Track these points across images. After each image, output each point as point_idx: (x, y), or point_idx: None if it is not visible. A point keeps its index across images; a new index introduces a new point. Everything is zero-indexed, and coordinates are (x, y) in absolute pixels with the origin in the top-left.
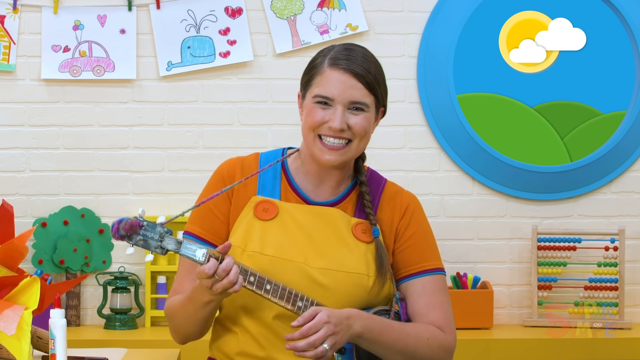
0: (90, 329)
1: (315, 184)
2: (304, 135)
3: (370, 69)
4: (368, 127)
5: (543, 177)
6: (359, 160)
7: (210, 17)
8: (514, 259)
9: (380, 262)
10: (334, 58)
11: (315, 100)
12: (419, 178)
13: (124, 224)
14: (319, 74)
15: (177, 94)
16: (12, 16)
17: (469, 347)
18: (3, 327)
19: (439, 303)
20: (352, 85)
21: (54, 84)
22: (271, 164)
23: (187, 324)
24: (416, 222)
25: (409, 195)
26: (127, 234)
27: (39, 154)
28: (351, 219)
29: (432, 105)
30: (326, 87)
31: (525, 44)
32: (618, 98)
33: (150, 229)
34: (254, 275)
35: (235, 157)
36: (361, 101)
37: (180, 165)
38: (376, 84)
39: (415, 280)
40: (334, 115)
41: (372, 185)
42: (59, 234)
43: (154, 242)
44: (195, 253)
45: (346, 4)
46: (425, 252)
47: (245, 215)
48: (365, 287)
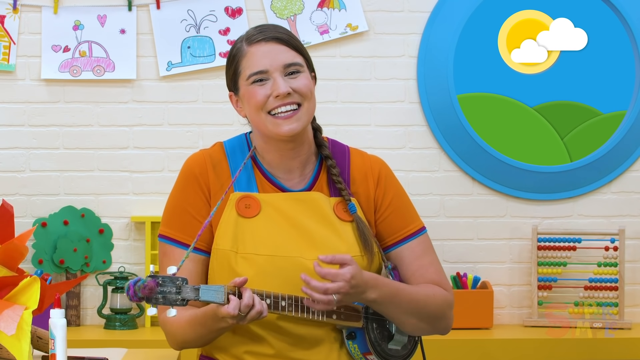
0: (90, 329)
1: (283, 170)
2: (253, 123)
3: (288, 33)
4: (311, 86)
5: (543, 177)
6: (317, 133)
7: (210, 17)
8: (514, 259)
9: (363, 238)
10: (249, 37)
11: (250, 82)
12: (419, 178)
13: (141, 287)
14: (242, 58)
15: (177, 94)
16: (12, 16)
17: (469, 347)
18: (3, 327)
19: (429, 263)
20: (279, 50)
21: (54, 84)
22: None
23: (195, 342)
24: (391, 188)
25: (376, 160)
26: (147, 297)
27: (39, 154)
28: (331, 200)
29: (432, 105)
30: (255, 63)
31: (526, 44)
32: (618, 98)
33: (167, 284)
34: (269, 297)
35: (199, 151)
36: (294, 62)
37: (180, 165)
38: (300, 45)
39: (403, 246)
40: (274, 84)
41: (337, 156)
42: (59, 234)
43: (172, 295)
44: (216, 296)
45: (346, 4)
46: (405, 215)
47: (228, 214)
48: (361, 267)
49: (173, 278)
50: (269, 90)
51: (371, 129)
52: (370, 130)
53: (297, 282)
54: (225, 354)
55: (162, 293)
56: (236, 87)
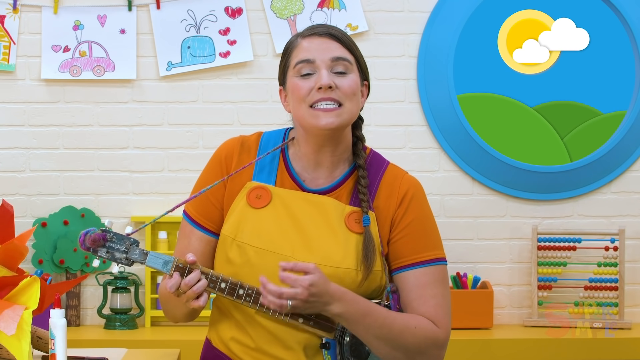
0: (90, 329)
1: (312, 167)
2: (295, 116)
3: (344, 34)
4: (356, 89)
5: (543, 177)
6: (358, 142)
7: (210, 17)
8: (514, 259)
9: (365, 253)
10: (306, 30)
11: (297, 71)
12: (419, 178)
13: (89, 237)
14: (294, 49)
15: (177, 94)
16: (12, 16)
17: (469, 347)
18: (3, 327)
19: (431, 296)
20: (331, 45)
21: (54, 84)
22: (269, 151)
23: (173, 312)
24: (414, 210)
25: (410, 180)
26: (92, 247)
27: (39, 154)
28: (345, 208)
29: (432, 105)
30: (305, 53)
31: (528, 43)
32: (618, 98)
33: (117, 241)
34: (225, 281)
35: (238, 136)
36: (342, 56)
37: (180, 165)
38: (354, 46)
39: (409, 272)
40: (319, 76)
41: (372, 169)
42: (59, 234)
43: (119, 253)
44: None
45: (346, 4)
46: (420, 242)
47: (238, 202)
48: (354, 281)
49: (124, 237)
50: (312, 83)
51: (371, 129)
52: (370, 130)
53: (279, 279)
54: (218, 338)
55: (109, 248)
56: (285, 80)
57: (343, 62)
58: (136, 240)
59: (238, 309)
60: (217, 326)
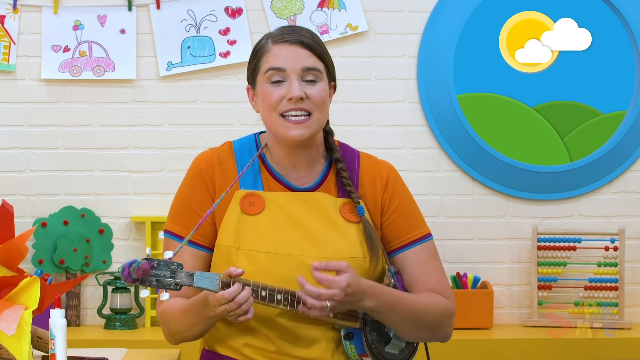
0: (90, 329)
1: (290, 169)
2: (266, 122)
3: (315, 39)
4: (325, 97)
5: (543, 177)
6: (329, 137)
7: (210, 17)
8: (514, 259)
9: (370, 241)
10: (277, 35)
11: (267, 77)
12: (419, 178)
13: (135, 269)
14: (265, 54)
15: (177, 94)
16: (12, 16)
17: (469, 347)
18: (3, 327)
19: (433, 270)
20: (301, 54)
21: (54, 84)
22: (251, 160)
23: (187, 332)
24: (398, 192)
25: (386, 165)
26: (140, 278)
27: (39, 154)
28: (337, 200)
29: (432, 105)
30: (276, 60)
31: (530, 43)
32: (618, 98)
33: (162, 268)
34: (265, 289)
35: (208, 149)
36: (314, 66)
37: (180, 165)
38: (324, 52)
39: (407, 251)
40: (290, 87)
41: (347, 160)
42: (59, 234)
43: (167, 280)
44: (211, 283)
45: (346, 4)
46: (411, 221)
47: (232, 211)
48: (363, 269)
49: (168, 262)
50: (283, 92)
51: (371, 129)
52: (370, 130)
53: (296, 280)
54: (224, 347)
55: (156, 276)
56: (254, 82)
57: (313, 72)
58: (180, 263)
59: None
60: (223, 338)
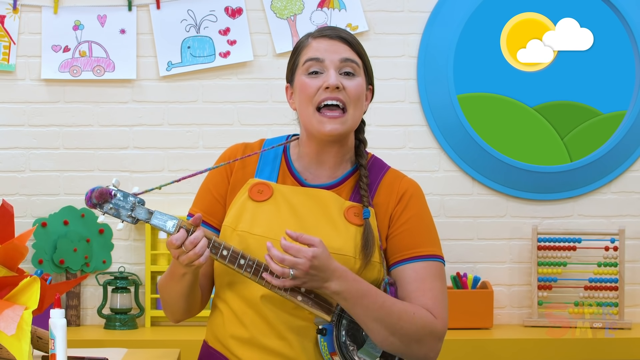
0: (90, 329)
1: (314, 166)
2: (301, 116)
3: (354, 38)
4: (361, 94)
5: (543, 177)
6: (361, 145)
7: (210, 17)
8: (514, 259)
9: (364, 243)
10: (317, 32)
11: (305, 69)
12: (419, 178)
13: (95, 192)
14: (304, 48)
15: (177, 94)
16: (12, 16)
17: (469, 347)
18: (3, 327)
19: (429, 289)
20: (340, 47)
21: (54, 84)
22: (273, 146)
23: (171, 300)
24: (412, 208)
25: (410, 181)
26: (99, 202)
27: (39, 154)
28: (345, 202)
29: (432, 105)
30: (314, 52)
31: (532, 43)
32: (618, 98)
33: (123, 199)
34: (227, 249)
35: (242, 142)
36: (351, 58)
37: (180, 165)
38: (363, 51)
39: (407, 265)
40: (327, 76)
41: (373, 170)
42: (59, 234)
43: (125, 211)
44: (166, 223)
45: (346, 4)
46: (419, 237)
47: (240, 196)
48: (351, 269)
49: (131, 196)
50: (320, 82)
51: (371, 129)
52: (370, 130)
53: None
54: (214, 338)
55: (115, 205)
56: (293, 79)
57: (351, 64)
58: (142, 199)
59: (238, 297)
60: (214, 326)
